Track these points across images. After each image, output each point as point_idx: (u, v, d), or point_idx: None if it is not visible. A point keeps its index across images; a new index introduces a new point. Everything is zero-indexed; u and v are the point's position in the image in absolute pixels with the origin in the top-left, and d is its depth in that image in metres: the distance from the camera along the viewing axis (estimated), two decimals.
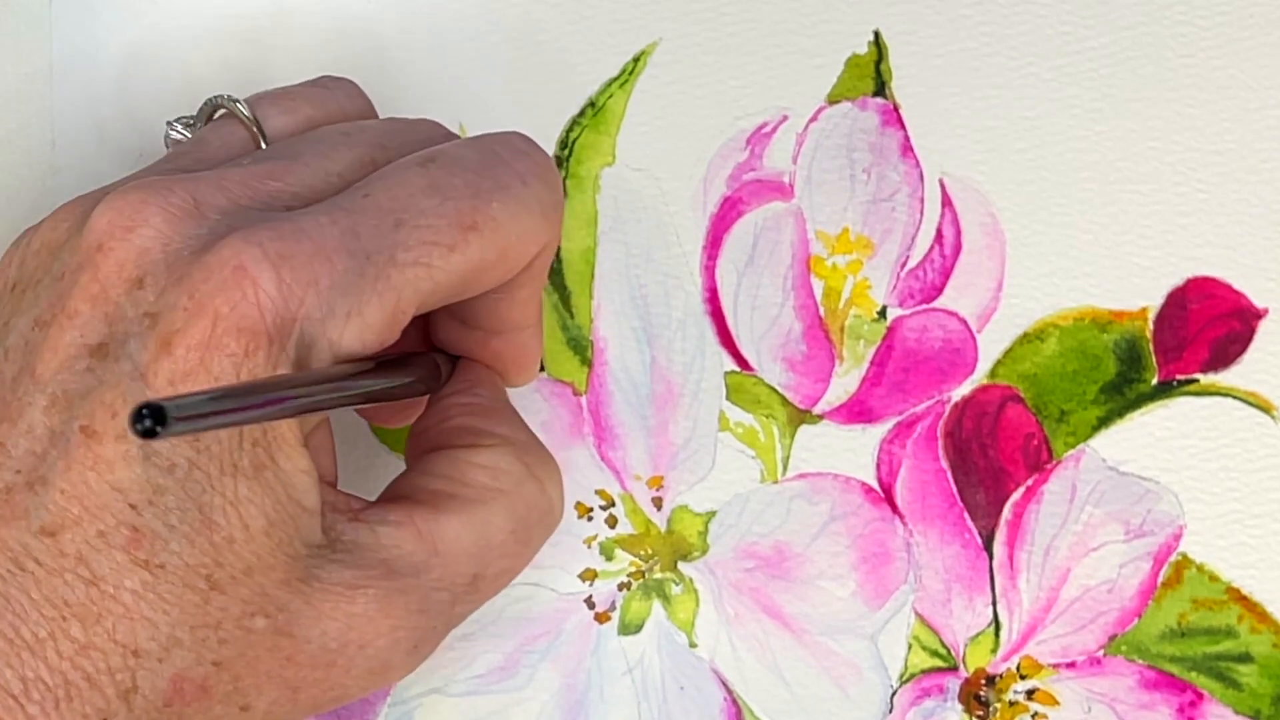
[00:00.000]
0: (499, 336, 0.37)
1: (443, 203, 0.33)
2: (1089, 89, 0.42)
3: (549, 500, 0.36)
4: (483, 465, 0.35)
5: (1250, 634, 0.41)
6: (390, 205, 0.33)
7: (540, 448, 0.36)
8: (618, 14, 0.43)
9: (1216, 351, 0.41)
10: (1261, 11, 0.42)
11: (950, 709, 0.41)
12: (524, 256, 0.35)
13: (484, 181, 0.34)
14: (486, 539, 0.35)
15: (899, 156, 0.42)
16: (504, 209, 0.34)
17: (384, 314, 0.32)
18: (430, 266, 0.33)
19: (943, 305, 0.42)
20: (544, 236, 0.35)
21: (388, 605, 0.33)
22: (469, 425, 0.36)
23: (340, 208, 0.32)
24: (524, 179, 0.34)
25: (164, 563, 0.30)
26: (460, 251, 0.33)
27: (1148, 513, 0.41)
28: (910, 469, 0.42)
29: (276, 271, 0.31)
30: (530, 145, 0.36)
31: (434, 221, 0.33)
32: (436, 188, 0.33)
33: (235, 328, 0.30)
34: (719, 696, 0.42)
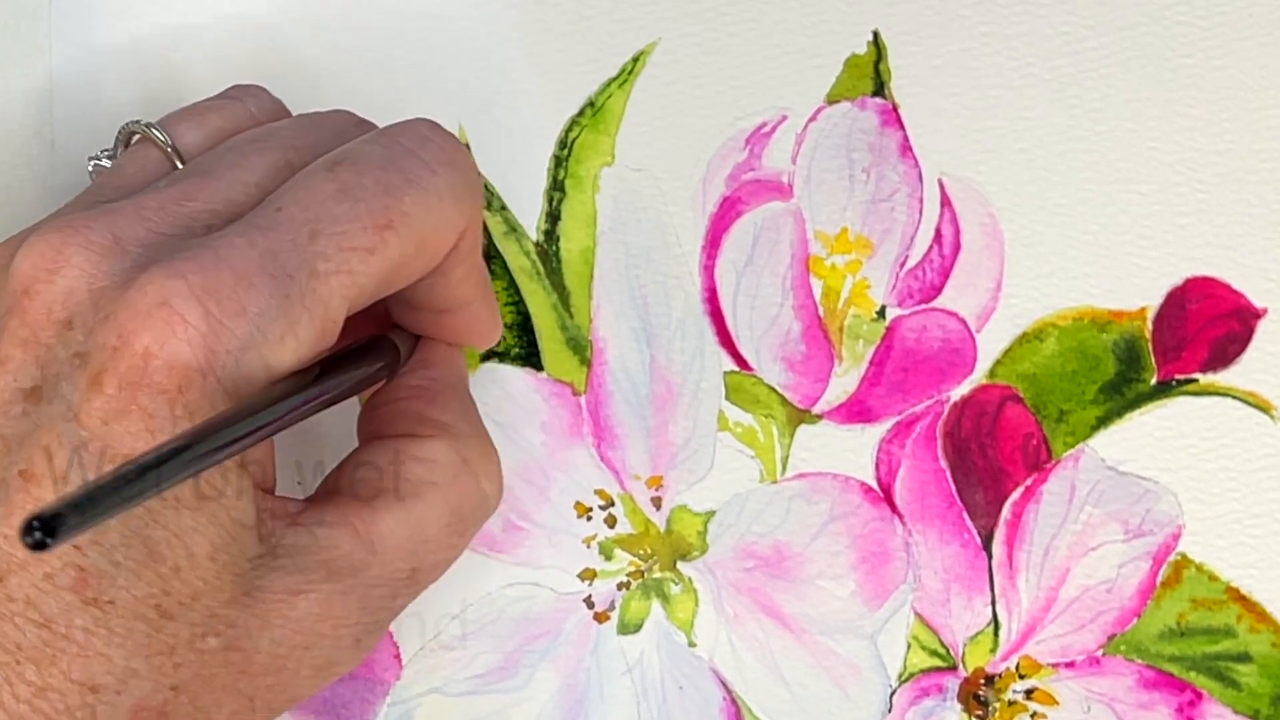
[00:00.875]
0: (447, 314, 0.38)
1: (354, 206, 0.33)
2: (1089, 89, 0.42)
3: (483, 493, 0.36)
4: (419, 458, 0.35)
5: (1249, 634, 0.41)
6: (303, 216, 0.33)
7: (478, 436, 0.37)
8: (618, 14, 0.43)
9: (1216, 351, 0.41)
10: (1261, 11, 0.42)
11: (949, 708, 0.41)
12: (444, 244, 0.35)
13: (393, 177, 0.34)
14: (422, 534, 0.35)
15: (898, 156, 0.42)
16: (416, 202, 0.34)
17: (314, 327, 0.32)
18: (352, 273, 0.33)
19: (942, 305, 0.42)
20: (461, 221, 0.35)
21: (329, 606, 0.33)
22: (411, 411, 0.36)
23: (256, 227, 0.32)
24: (432, 168, 0.34)
25: (113, 598, 0.30)
26: (379, 253, 0.33)
27: (1147, 512, 0.41)
28: (909, 469, 0.42)
29: (202, 305, 0.31)
30: (435, 130, 0.36)
31: (348, 227, 0.33)
32: (347, 191, 0.33)
33: (166, 365, 0.30)
34: (718, 696, 0.42)
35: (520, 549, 0.42)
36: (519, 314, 0.42)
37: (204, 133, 0.37)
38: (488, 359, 0.42)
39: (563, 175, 0.42)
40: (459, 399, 0.37)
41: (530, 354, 0.42)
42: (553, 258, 0.42)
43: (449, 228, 0.35)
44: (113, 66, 0.43)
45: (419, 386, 0.37)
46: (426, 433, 0.36)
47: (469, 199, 0.35)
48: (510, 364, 0.42)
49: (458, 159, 0.35)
